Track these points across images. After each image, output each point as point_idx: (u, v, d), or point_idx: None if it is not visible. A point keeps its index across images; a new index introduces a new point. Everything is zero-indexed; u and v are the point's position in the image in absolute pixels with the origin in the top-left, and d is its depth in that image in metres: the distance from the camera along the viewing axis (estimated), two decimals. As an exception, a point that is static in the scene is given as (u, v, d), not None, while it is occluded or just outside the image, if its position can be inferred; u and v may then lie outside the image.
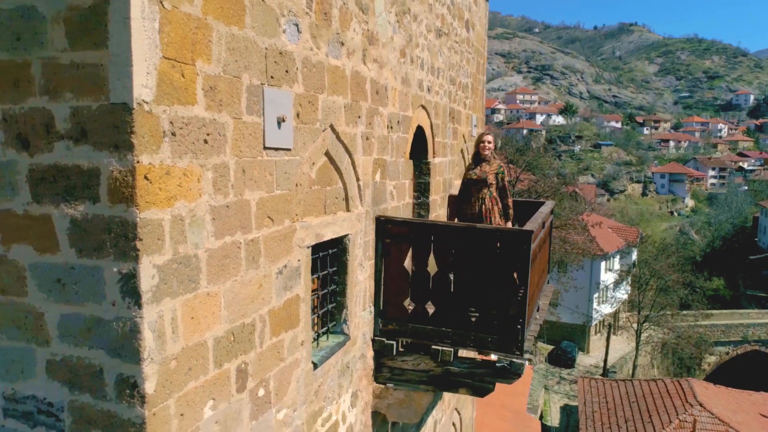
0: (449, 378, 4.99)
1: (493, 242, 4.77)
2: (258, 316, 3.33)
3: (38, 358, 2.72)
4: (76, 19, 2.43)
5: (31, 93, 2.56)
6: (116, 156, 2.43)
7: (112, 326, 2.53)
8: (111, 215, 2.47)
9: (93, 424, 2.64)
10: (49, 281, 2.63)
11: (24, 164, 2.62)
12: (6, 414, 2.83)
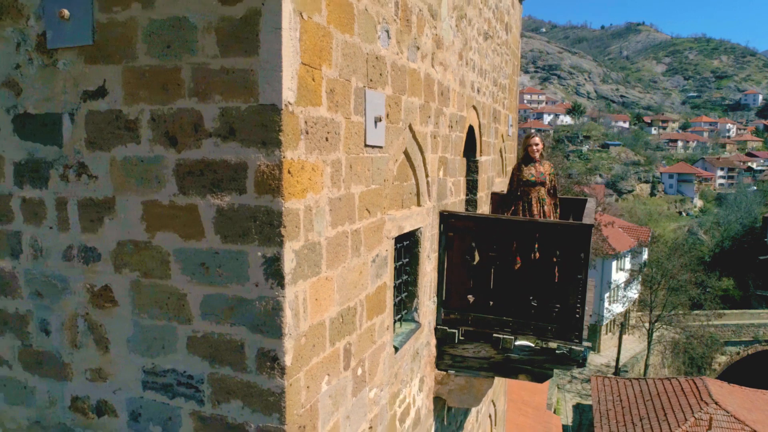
0: (509, 365, 5.26)
1: (554, 235, 5.03)
2: (358, 301, 3.61)
3: (179, 335, 3.00)
4: (227, 28, 2.71)
5: (180, 95, 2.84)
6: (264, 152, 2.71)
7: (254, 305, 2.81)
8: (257, 205, 2.75)
9: (232, 394, 2.92)
10: (193, 265, 2.92)
11: (171, 159, 2.90)
12: (145, 387, 3.12)
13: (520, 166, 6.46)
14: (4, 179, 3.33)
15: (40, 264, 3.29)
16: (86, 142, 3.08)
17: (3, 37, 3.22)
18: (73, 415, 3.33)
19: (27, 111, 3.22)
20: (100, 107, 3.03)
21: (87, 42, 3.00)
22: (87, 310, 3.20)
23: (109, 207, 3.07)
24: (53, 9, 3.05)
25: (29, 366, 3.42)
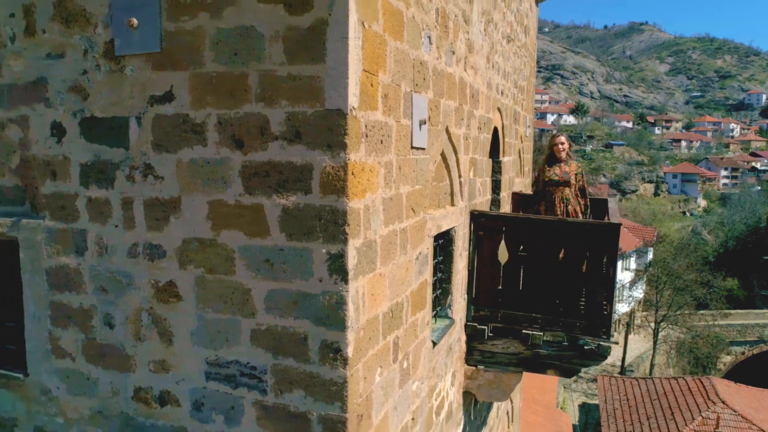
0: (538, 360, 5.40)
1: (582, 234, 5.18)
2: (405, 297, 3.77)
3: (243, 328, 3.15)
4: (294, 37, 2.87)
5: (246, 100, 3.00)
6: (329, 154, 2.86)
7: (318, 299, 2.97)
8: (322, 204, 2.91)
9: (295, 384, 3.08)
10: (258, 261, 3.07)
11: (237, 161, 3.06)
12: (208, 377, 3.28)
13: (544, 166, 6.59)
14: (69, 179, 3.49)
15: (105, 261, 3.45)
16: (153, 144, 3.24)
17: (71, 44, 3.38)
18: (135, 405, 3.49)
19: (93, 114, 3.38)
20: (167, 111, 3.18)
21: (155, 49, 3.16)
22: (151, 305, 3.36)
23: (175, 206, 3.22)
24: (122, 18, 3.20)
25: (92, 358, 3.58)
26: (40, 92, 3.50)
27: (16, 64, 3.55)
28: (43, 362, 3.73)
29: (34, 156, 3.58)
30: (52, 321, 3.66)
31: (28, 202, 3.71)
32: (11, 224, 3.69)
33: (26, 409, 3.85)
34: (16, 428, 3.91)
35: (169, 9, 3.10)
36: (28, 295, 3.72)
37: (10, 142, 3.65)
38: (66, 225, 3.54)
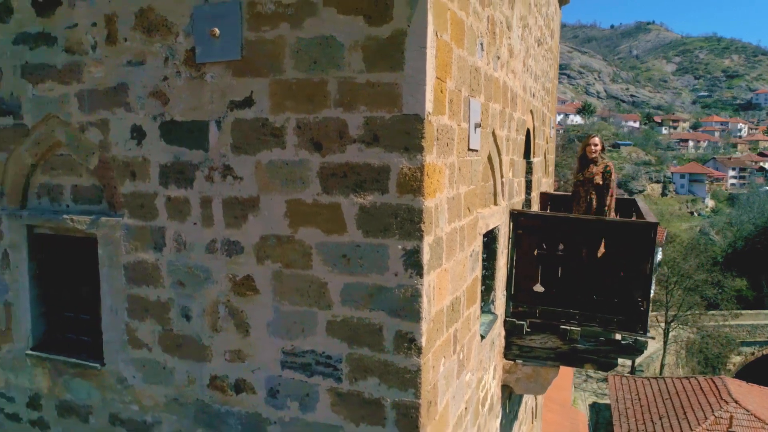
0: (575, 354, 5.58)
1: (620, 233, 5.35)
2: (462, 291, 3.96)
3: (319, 319, 3.35)
4: (373, 47, 3.06)
5: (325, 105, 3.20)
6: (406, 156, 3.06)
7: (393, 292, 3.16)
8: (398, 203, 3.10)
9: (369, 372, 3.27)
10: (335, 257, 3.27)
11: (315, 163, 3.25)
12: (284, 366, 3.48)
13: (576, 166, 6.76)
14: (149, 179, 3.70)
15: (184, 256, 3.65)
16: (232, 146, 3.44)
17: (151, 52, 3.59)
18: (211, 393, 3.69)
19: (173, 118, 3.58)
20: (247, 116, 3.38)
21: (235, 57, 3.36)
22: (228, 298, 3.56)
23: (254, 205, 3.43)
24: (203, 28, 3.41)
25: (169, 348, 3.78)
26: (121, 97, 3.71)
27: (97, 70, 3.76)
28: (120, 352, 3.94)
29: (114, 157, 3.79)
30: (129, 313, 3.87)
31: (105, 201, 3.92)
32: (90, 222, 3.90)
33: (101, 397, 4.06)
34: (91, 415, 4.12)
35: (251, 19, 3.30)
36: (105, 289, 3.93)
37: (90, 144, 3.86)
38: (145, 222, 3.74)
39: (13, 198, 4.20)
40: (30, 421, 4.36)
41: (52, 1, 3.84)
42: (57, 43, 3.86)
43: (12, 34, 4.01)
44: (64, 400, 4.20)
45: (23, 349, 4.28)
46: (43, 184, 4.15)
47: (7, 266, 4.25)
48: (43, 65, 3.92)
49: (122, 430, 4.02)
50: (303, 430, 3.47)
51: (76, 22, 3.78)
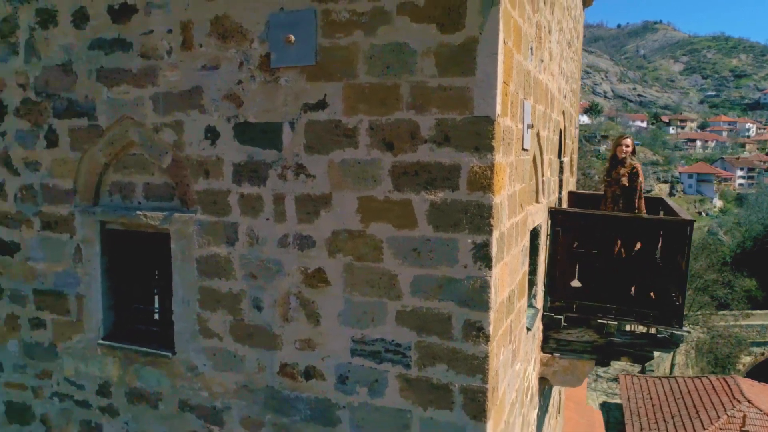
0: (612, 348, 5.77)
1: (657, 230, 5.54)
2: (516, 285, 4.16)
3: (389, 309, 3.56)
4: (445, 53, 3.26)
5: (398, 108, 3.40)
6: (476, 155, 3.26)
7: (462, 283, 3.37)
8: (468, 200, 3.30)
9: (438, 359, 3.47)
10: (405, 250, 3.47)
11: (387, 162, 3.46)
12: (354, 354, 3.68)
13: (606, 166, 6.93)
14: (222, 178, 3.91)
15: (256, 250, 3.86)
16: (305, 146, 3.65)
17: (226, 57, 3.80)
18: (281, 379, 3.90)
19: (247, 120, 3.80)
20: (320, 117, 3.59)
21: (310, 62, 3.57)
22: (299, 289, 3.77)
23: (326, 201, 3.63)
24: (278, 34, 3.62)
25: (240, 338, 4.00)
26: (195, 99, 3.93)
27: (172, 74, 3.98)
28: (191, 342, 4.15)
29: (188, 156, 4.00)
30: (201, 304, 4.08)
31: (177, 198, 4.14)
32: (163, 218, 4.12)
33: (171, 384, 4.28)
34: (160, 402, 4.34)
35: (325, 27, 3.51)
36: (177, 281, 4.14)
37: (163, 144, 4.07)
38: (217, 218, 3.96)
39: (85, 195, 4.42)
40: (99, 407, 4.58)
41: (128, 8, 4.06)
42: (132, 49, 4.08)
43: (87, 40, 4.23)
44: (134, 387, 4.41)
45: (94, 339, 4.50)
46: (114, 182, 4.37)
47: (79, 260, 4.48)
48: (119, 69, 4.14)
49: (191, 416, 4.23)
50: (372, 414, 3.67)
51: (151, 28, 4.00)
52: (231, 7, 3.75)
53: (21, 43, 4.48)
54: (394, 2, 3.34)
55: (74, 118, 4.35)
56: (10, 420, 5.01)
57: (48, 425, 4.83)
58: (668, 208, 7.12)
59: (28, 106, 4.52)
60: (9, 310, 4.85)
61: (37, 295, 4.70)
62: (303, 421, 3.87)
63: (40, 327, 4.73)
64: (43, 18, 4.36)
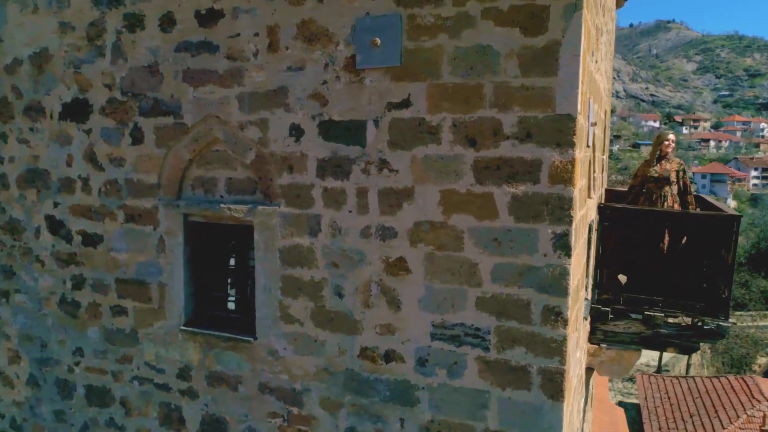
0: (658, 339, 5.96)
1: (703, 225, 5.72)
2: (580, 274, 4.37)
3: (469, 296, 3.78)
4: (528, 55, 3.49)
5: (481, 106, 3.63)
6: (558, 151, 3.48)
7: (542, 271, 3.59)
8: (550, 192, 3.52)
9: (516, 342, 3.70)
10: (486, 240, 3.70)
11: (469, 157, 3.69)
12: (433, 338, 3.91)
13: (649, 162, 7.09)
14: (306, 172, 4.16)
15: (338, 240, 4.10)
16: (388, 143, 3.89)
17: (311, 58, 4.05)
18: (361, 362, 4.14)
19: (331, 118, 4.04)
20: (404, 115, 3.83)
21: (395, 64, 3.81)
22: (381, 277, 4.01)
23: (408, 195, 3.87)
24: (364, 38, 3.86)
25: (320, 323, 4.24)
26: (281, 99, 4.17)
27: (258, 75, 4.23)
28: (272, 327, 4.40)
29: (272, 153, 4.25)
30: (283, 292, 4.33)
31: (259, 192, 4.39)
32: (247, 210, 4.37)
33: (251, 367, 4.53)
34: (240, 385, 4.60)
35: (410, 30, 3.75)
36: (260, 270, 4.39)
37: (247, 141, 4.33)
38: (301, 211, 4.20)
39: (169, 189, 4.68)
40: (180, 390, 4.84)
41: (215, 13, 4.32)
42: (219, 51, 4.34)
43: (174, 43, 4.49)
44: (215, 371, 4.67)
45: (176, 326, 4.76)
46: (197, 177, 4.63)
47: (162, 251, 4.74)
48: (205, 70, 4.40)
49: (271, 398, 4.48)
50: (450, 394, 3.90)
51: (238, 32, 4.25)
52: (317, 12, 3.99)
53: (107, 46, 4.75)
54: (478, 7, 3.57)
55: (160, 116, 4.61)
56: (90, 403, 5.29)
57: (127, 407, 5.10)
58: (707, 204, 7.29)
59: (114, 105, 4.79)
60: (91, 298, 5.13)
61: (119, 284, 4.97)
62: (382, 402, 4.11)
63: (121, 314, 5.00)
64: (130, 22, 4.63)
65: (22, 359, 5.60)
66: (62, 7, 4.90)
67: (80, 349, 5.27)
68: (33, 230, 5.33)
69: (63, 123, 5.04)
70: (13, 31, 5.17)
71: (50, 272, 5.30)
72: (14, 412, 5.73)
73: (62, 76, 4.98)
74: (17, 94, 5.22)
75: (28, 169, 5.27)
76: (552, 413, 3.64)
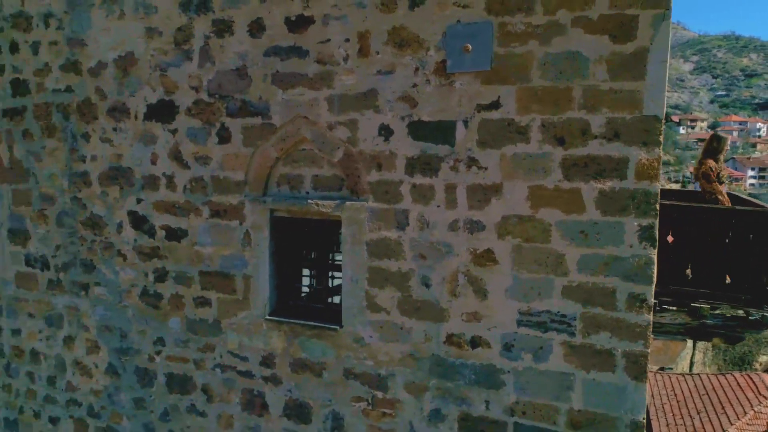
0: (704, 329, 6.26)
1: (751, 221, 6.02)
2: (648, 266, 4.65)
3: (556, 285, 4.06)
4: (617, 61, 3.77)
5: (570, 108, 3.90)
6: (644, 149, 3.76)
7: (628, 261, 3.87)
8: (635, 188, 3.80)
9: (602, 327, 3.98)
10: (573, 232, 3.98)
11: (558, 155, 3.96)
12: (519, 324, 4.19)
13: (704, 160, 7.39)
14: (395, 170, 4.43)
15: (426, 234, 4.38)
16: (477, 142, 4.16)
17: (402, 63, 4.32)
18: (447, 348, 4.42)
19: (421, 119, 4.31)
20: (493, 116, 4.10)
21: (485, 68, 4.08)
22: (468, 268, 4.28)
23: (497, 190, 4.14)
24: (455, 44, 4.13)
25: (406, 312, 4.51)
26: (370, 100, 4.44)
27: (348, 78, 4.49)
28: (358, 316, 4.67)
29: (361, 151, 4.52)
30: (369, 283, 4.60)
31: (345, 189, 4.65)
32: (335, 206, 4.64)
33: (336, 354, 4.80)
34: (324, 371, 4.86)
35: (501, 37, 4.02)
36: (346, 261, 4.66)
37: (336, 141, 4.59)
38: (389, 206, 4.47)
39: (255, 186, 4.94)
40: (263, 377, 5.11)
41: (305, 19, 4.58)
42: (309, 55, 4.60)
43: (263, 48, 4.76)
44: (299, 358, 4.94)
45: (260, 316, 5.03)
46: (283, 175, 4.89)
47: (248, 244, 5.01)
48: (294, 74, 4.67)
49: (356, 383, 4.75)
50: (536, 377, 4.18)
51: (328, 37, 4.52)
52: (408, 20, 4.26)
53: (195, 50, 5.01)
54: (568, 16, 3.84)
55: (248, 117, 4.88)
56: (170, 390, 5.55)
57: (209, 394, 5.37)
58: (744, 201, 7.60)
59: (201, 107, 5.05)
60: (173, 290, 5.39)
61: (203, 276, 5.24)
62: (467, 385, 4.39)
63: (204, 305, 5.26)
64: (219, 28, 4.89)
65: (101, 349, 5.85)
66: (149, 14, 5.16)
67: (161, 339, 5.52)
68: (115, 225, 5.59)
69: (148, 123, 5.30)
70: (97, 35, 5.43)
71: (132, 266, 5.55)
72: (92, 400, 5.99)
73: (148, 79, 5.24)
74: (101, 95, 5.48)
75: (110, 167, 5.53)
76: (636, 393, 3.92)
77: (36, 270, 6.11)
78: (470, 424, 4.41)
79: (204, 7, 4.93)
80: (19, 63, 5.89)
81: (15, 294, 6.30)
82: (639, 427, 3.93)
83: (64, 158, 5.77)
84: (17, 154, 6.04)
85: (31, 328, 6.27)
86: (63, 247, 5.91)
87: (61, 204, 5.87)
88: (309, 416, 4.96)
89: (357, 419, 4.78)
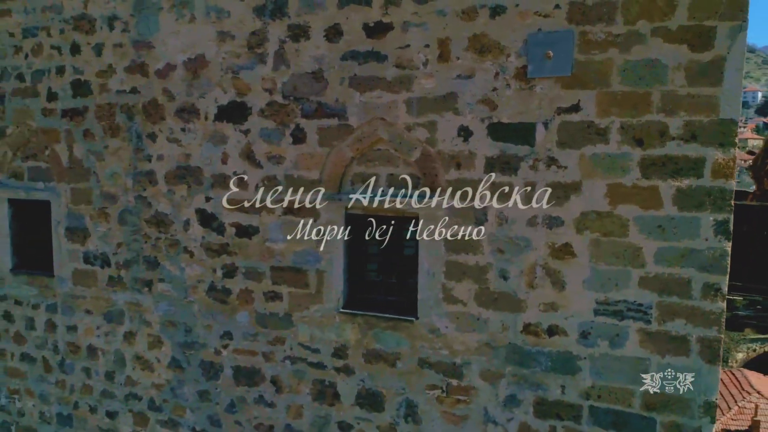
0: (737, 320, 6.64)
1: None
2: (705, 258, 4.97)
3: (633, 276, 4.34)
4: (695, 68, 4.06)
5: (648, 111, 4.19)
6: (720, 150, 4.06)
7: (703, 253, 4.17)
8: (711, 186, 4.10)
9: (677, 315, 4.27)
10: (650, 227, 4.26)
11: (636, 155, 4.24)
12: (596, 313, 4.47)
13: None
14: (473, 169, 4.67)
15: (504, 229, 4.63)
16: (557, 143, 4.42)
17: (481, 68, 4.56)
18: (524, 337, 4.68)
19: (500, 121, 4.56)
20: (573, 119, 4.37)
21: (565, 74, 4.34)
22: (546, 261, 4.55)
23: (576, 188, 4.41)
24: (537, 51, 4.39)
25: (483, 303, 4.76)
26: (450, 103, 4.67)
27: (427, 82, 4.72)
28: (434, 308, 4.90)
29: (439, 151, 4.75)
30: (446, 276, 4.83)
31: (422, 186, 4.87)
32: (412, 202, 4.86)
33: (410, 345, 5.03)
34: (398, 361, 5.09)
35: (582, 45, 4.29)
36: (423, 256, 4.89)
37: (413, 141, 4.81)
38: (468, 203, 4.71)
39: (330, 184, 5.14)
40: (335, 368, 5.31)
41: (383, 26, 4.79)
42: (387, 60, 4.81)
43: (340, 52, 4.95)
44: (372, 349, 5.15)
45: (333, 309, 5.23)
46: (357, 173, 5.09)
47: (321, 240, 5.20)
48: (372, 77, 4.87)
49: (430, 372, 4.99)
50: (612, 362, 4.46)
51: (408, 43, 4.74)
52: (489, 27, 4.50)
53: (269, 54, 5.18)
54: (648, 27, 4.12)
55: (324, 118, 5.07)
56: (237, 382, 5.71)
57: (278, 385, 5.55)
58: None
59: (274, 108, 5.23)
60: (243, 285, 5.56)
61: (274, 271, 5.41)
62: (543, 372, 4.65)
63: (275, 299, 5.44)
64: (294, 32, 5.07)
65: (164, 344, 5.98)
66: (221, 18, 5.31)
67: (228, 333, 5.68)
68: (181, 223, 5.72)
69: (218, 124, 5.45)
70: (166, 38, 5.56)
71: (199, 262, 5.69)
72: (153, 394, 6.11)
73: (219, 81, 5.39)
74: (169, 96, 5.61)
75: (178, 166, 5.66)
76: (709, 376, 4.23)
77: (95, 267, 6.21)
78: (545, 407, 4.68)
79: (279, 12, 5.10)
80: (81, 64, 5.98)
81: (71, 291, 6.38)
82: (712, 407, 4.24)
83: (128, 157, 5.88)
84: (77, 154, 6.13)
85: (88, 325, 6.36)
86: (125, 244, 6.02)
87: (123, 202, 5.98)
88: (382, 404, 5.17)
89: (431, 406, 5.02)
